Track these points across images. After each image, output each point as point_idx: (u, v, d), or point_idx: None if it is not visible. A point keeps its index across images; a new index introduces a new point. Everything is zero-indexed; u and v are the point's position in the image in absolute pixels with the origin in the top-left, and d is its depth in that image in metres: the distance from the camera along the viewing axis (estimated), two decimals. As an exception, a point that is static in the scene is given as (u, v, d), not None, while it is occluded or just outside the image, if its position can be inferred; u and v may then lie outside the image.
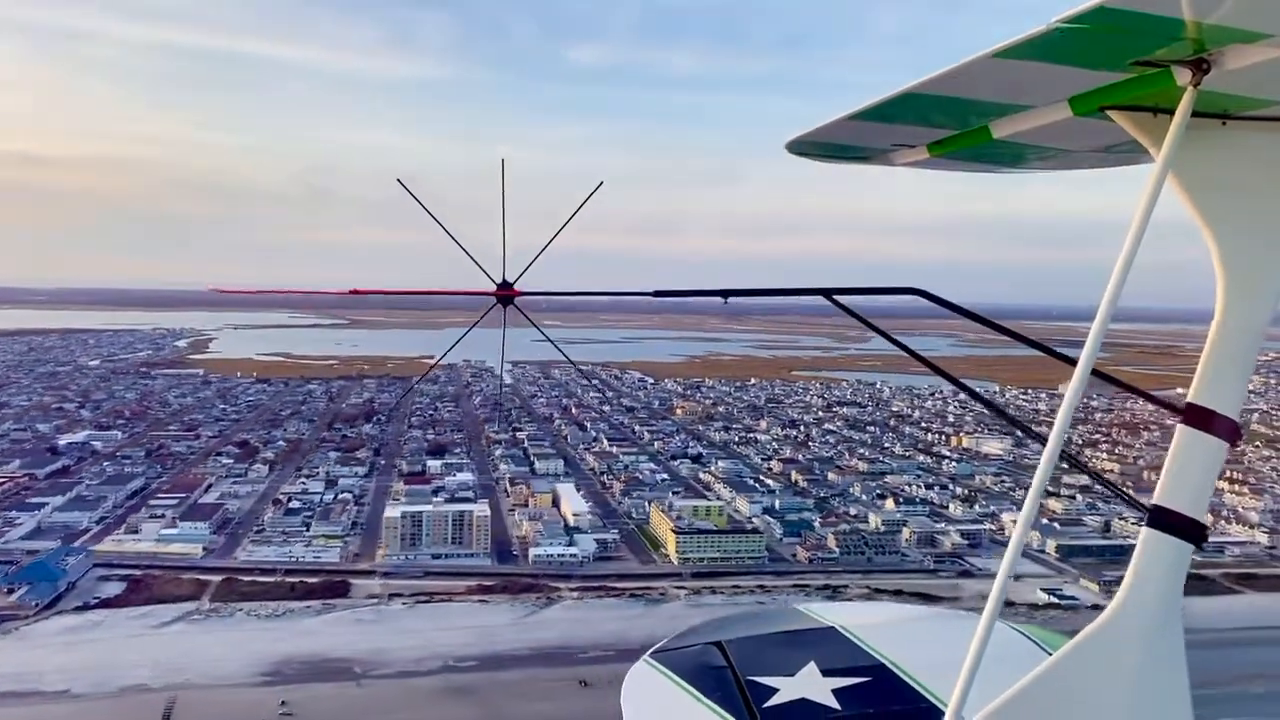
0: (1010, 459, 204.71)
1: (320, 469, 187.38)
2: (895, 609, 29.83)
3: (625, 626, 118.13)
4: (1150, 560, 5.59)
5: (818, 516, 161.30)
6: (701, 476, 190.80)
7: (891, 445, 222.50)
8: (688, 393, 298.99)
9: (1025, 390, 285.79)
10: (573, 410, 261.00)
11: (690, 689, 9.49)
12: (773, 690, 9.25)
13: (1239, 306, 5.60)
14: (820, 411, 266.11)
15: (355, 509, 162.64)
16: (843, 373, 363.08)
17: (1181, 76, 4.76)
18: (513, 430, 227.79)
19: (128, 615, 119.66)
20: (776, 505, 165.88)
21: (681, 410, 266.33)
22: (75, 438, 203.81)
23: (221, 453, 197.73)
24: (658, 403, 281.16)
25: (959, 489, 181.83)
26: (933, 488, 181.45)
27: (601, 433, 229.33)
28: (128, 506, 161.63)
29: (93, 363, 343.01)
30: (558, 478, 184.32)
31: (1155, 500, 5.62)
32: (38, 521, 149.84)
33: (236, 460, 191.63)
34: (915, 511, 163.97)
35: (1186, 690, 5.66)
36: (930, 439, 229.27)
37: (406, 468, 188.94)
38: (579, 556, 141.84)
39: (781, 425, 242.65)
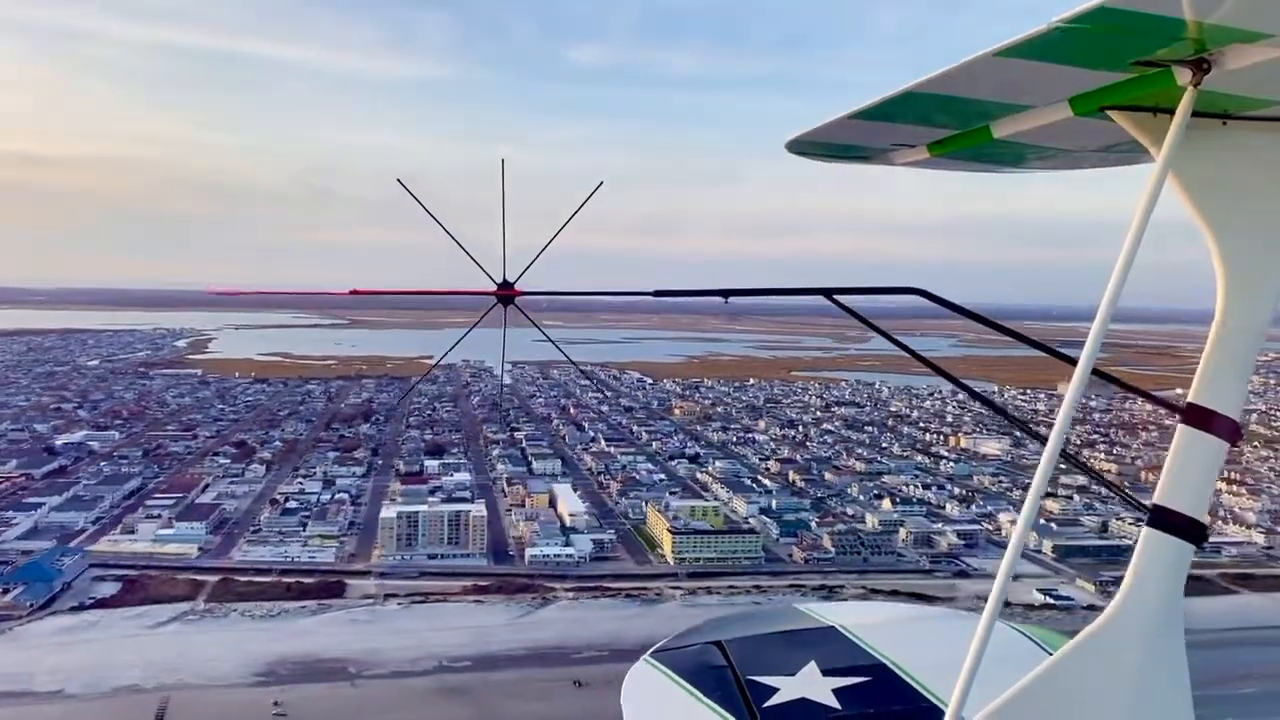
0: (1008, 459, 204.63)
1: (317, 469, 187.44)
2: (895, 609, 29.48)
3: (621, 627, 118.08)
4: (1151, 560, 5.59)
5: (814, 517, 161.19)
6: (699, 476, 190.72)
7: (889, 445, 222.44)
8: (686, 393, 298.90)
9: (1024, 390, 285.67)
10: (571, 410, 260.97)
11: (690, 688, 9.50)
12: (773, 690, 9.24)
13: (1239, 306, 5.59)
14: (819, 411, 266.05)
15: (352, 509, 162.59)
16: (842, 373, 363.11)
17: (1182, 76, 4.76)
18: (510, 430, 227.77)
19: (122, 615, 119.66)
20: (773, 505, 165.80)
21: (680, 410, 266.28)
22: (73, 438, 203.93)
23: (219, 453, 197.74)
24: (656, 403, 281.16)
25: (956, 489, 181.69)
26: (930, 488, 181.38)
27: (599, 433, 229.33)
28: (124, 507, 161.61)
29: (91, 363, 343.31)
30: (555, 478, 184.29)
31: (1155, 500, 5.62)
32: (34, 522, 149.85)
33: (234, 460, 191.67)
34: (912, 512, 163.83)
35: (1187, 690, 5.66)
36: (928, 439, 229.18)
37: (404, 468, 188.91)
38: (575, 557, 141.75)
39: (780, 425, 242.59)
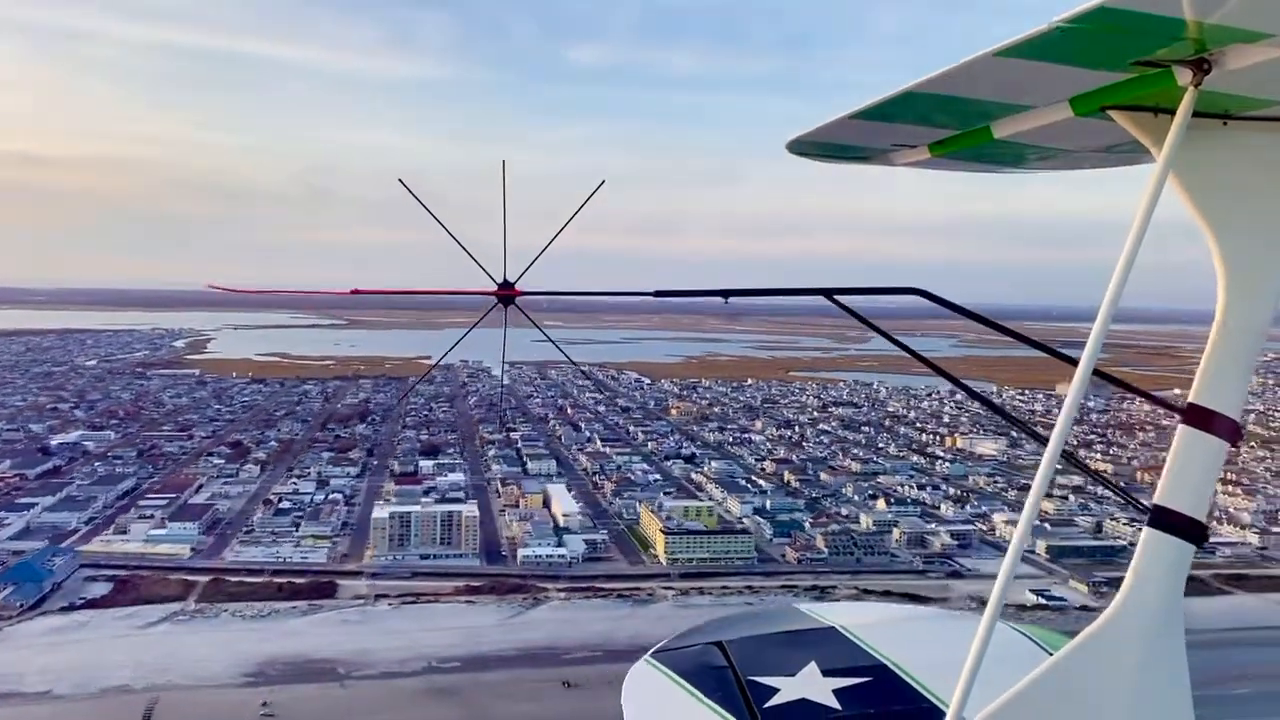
0: (1004, 459, 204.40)
1: (312, 469, 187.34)
2: (896, 609, 29.31)
3: (612, 627, 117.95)
4: (1151, 560, 5.59)
5: (808, 517, 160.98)
6: (694, 477, 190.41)
7: (886, 445, 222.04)
8: (684, 393, 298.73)
9: (1022, 390, 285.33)
10: (568, 410, 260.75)
11: (691, 689, 9.52)
12: (773, 690, 9.26)
13: (1240, 307, 5.59)
14: (816, 412, 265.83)
15: (345, 509, 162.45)
16: (841, 373, 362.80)
17: (1182, 76, 4.74)
18: (507, 431, 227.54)
19: (113, 616, 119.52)
20: (767, 506, 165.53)
21: (677, 411, 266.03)
22: (68, 438, 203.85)
23: (214, 453, 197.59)
24: (653, 403, 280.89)
25: (952, 489, 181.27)
26: (925, 488, 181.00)
27: (595, 433, 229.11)
28: (118, 507, 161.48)
29: (89, 363, 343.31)
30: (550, 478, 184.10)
31: (1156, 500, 5.62)
32: (26, 522, 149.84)
33: (228, 460, 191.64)
34: (907, 512, 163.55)
35: (1188, 690, 5.66)
36: (925, 439, 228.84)
37: (399, 468, 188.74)
38: (568, 557, 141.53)
39: (776, 425, 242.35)
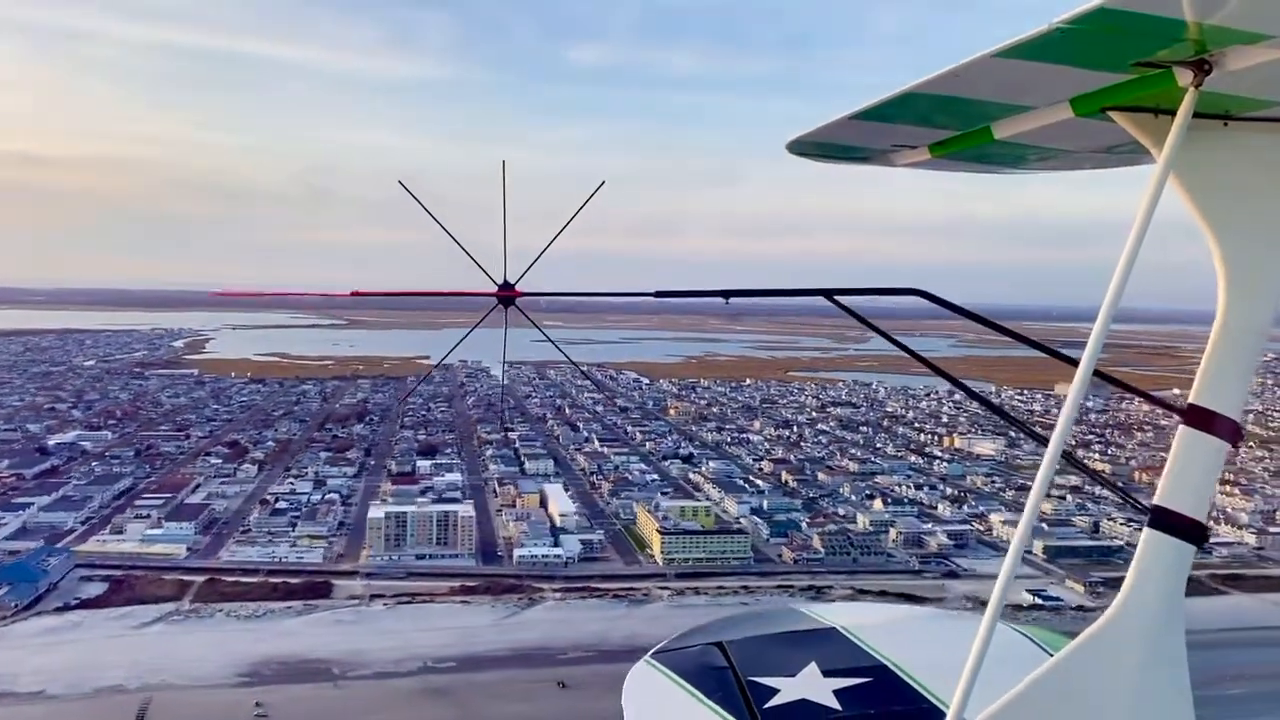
0: (1002, 459, 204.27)
1: (309, 469, 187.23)
2: (896, 610, 29.56)
3: (607, 628, 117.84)
4: (1151, 561, 5.59)
5: (805, 517, 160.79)
6: (691, 477, 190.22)
7: (884, 446, 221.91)
8: (682, 393, 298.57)
9: (1021, 390, 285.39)
10: (566, 410, 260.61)
11: (691, 689, 9.58)
12: (774, 691, 9.31)
13: (1240, 307, 5.59)
14: (814, 412, 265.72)
15: (342, 509, 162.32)
16: (840, 373, 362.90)
17: (1183, 77, 4.74)
18: (504, 431, 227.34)
19: (107, 616, 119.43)
20: (764, 506, 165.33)
21: (675, 411, 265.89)
22: (65, 438, 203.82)
23: (211, 453, 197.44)
24: (652, 403, 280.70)
25: (949, 489, 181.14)
26: (922, 488, 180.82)
27: (594, 433, 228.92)
28: (114, 507, 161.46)
29: (88, 363, 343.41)
30: (547, 478, 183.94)
31: (1156, 501, 5.62)
32: (22, 521, 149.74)
33: (225, 460, 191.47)
34: (904, 512, 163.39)
35: (1188, 691, 5.66)
36: (923, 439, 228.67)
37: (396, 468, 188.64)
38: (563, 557, 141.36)
39: (775, 426, 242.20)
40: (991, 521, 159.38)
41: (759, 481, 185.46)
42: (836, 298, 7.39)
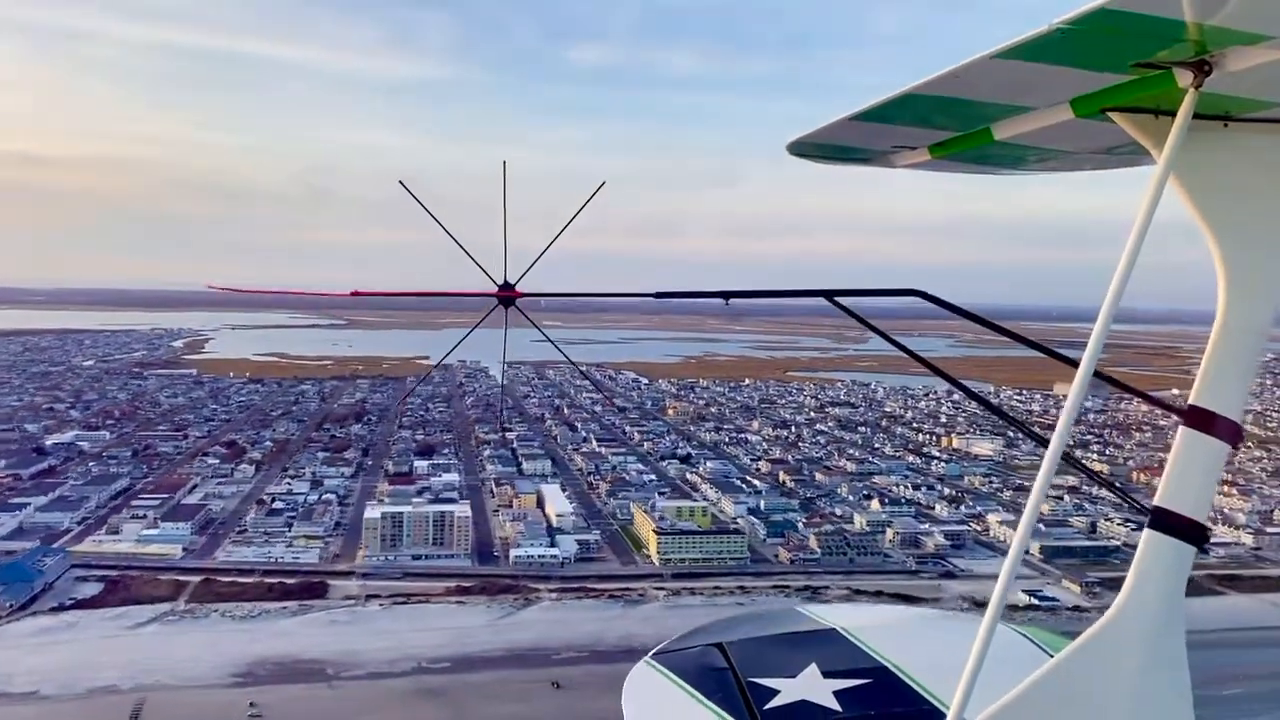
0: (1000, 460, 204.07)
1: (306, 469, 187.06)
2: (896, 611, 29.71)
3: (602, 628, 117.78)
4: (1152, 562, 5.60)
5: (802, 517, 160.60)
6: (689, 477, 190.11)
7: (882, 446, 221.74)
8: (681, 393, 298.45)
9: (1019, 390, 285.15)
10: (564, 411, 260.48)
11: (691, 690, 9.62)
12: (774, 692, 9.34)
13: (1240, 308, 5.60)
14: (812, 412, 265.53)
15: (339, 509, 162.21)
16: (839, 373, 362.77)
17: (1183, 78, 4.74)
18: (502, 431, 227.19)
19: (102, 616, 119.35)
20: (761, 506, 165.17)
21: (673, 411, 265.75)
22: (63, 438, 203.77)
23: (208, 453, 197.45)
24: (650, 403, 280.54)
25: (946, 490, 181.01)
26: (920, 488, 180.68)
27: (592, 433, 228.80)
28: (111, 507, 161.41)
29: (87, 363, 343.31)
30: (545, 478, 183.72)
31: (1157, 502, 5.62)
32: (19, 522, 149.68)
33: (223, 461, 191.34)
34: (901, 512, 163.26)
35: (1188, 691, 5.67)
36: (921, 439, 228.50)
37: (393, 468, 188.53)
38: (559, 557, 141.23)
39: (773, 426, 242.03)
40: (989, 522, 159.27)
41: (756, 482, 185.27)
42: (836, 299, 7.40)
